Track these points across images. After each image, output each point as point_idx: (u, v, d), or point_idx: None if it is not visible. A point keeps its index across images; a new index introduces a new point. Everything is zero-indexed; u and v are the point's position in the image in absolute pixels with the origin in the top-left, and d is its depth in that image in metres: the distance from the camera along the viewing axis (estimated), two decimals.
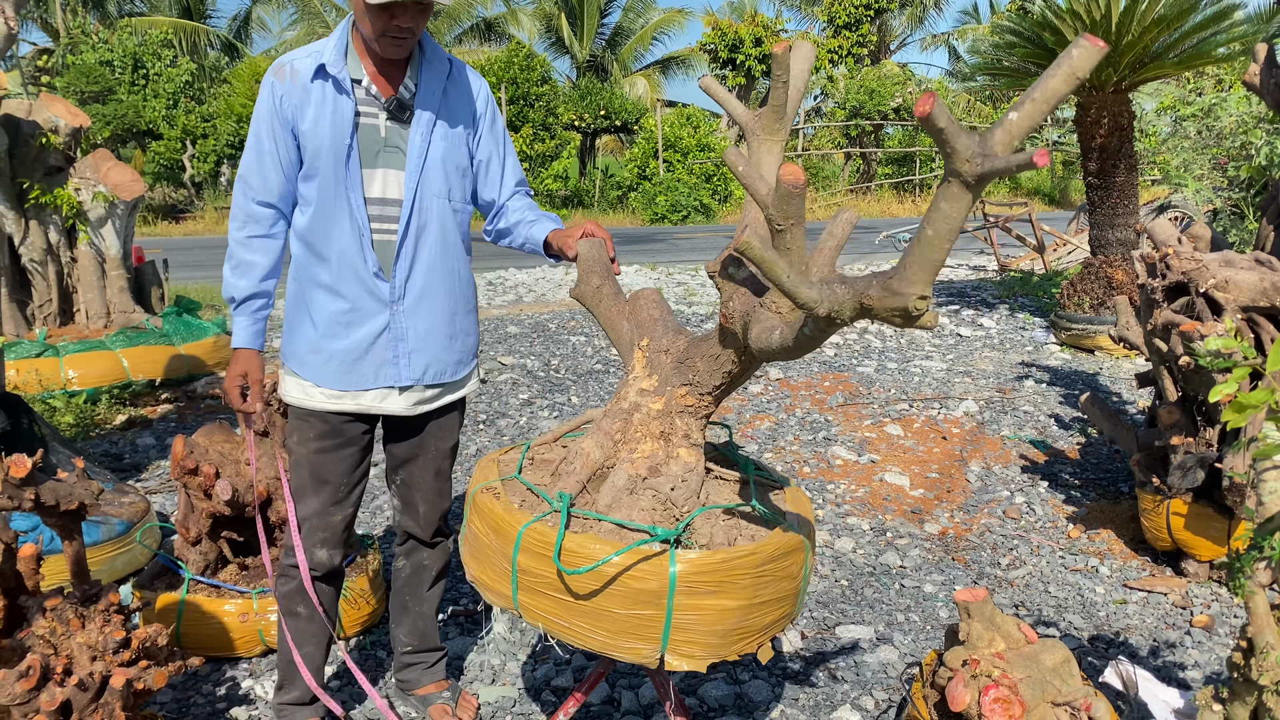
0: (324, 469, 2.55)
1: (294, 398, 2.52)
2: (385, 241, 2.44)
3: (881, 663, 3.11)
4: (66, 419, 5.53)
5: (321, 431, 2.53)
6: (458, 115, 2.49)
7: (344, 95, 2.37)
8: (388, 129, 2.41)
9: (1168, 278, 3.72)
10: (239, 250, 2.46)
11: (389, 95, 2.40)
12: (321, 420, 2.52)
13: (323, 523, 2.59)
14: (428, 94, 2.43)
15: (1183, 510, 3.62)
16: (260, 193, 2.43)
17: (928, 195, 23.84)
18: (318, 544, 2.60)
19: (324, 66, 2.36)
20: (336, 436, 2.54)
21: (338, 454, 2.55)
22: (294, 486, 2.59)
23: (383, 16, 2.24)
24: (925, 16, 35.13)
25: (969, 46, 29.56)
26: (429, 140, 2.43)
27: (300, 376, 2.50)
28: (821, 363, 7.13)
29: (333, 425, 2.53)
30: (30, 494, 2.42)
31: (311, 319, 2.47)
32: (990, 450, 5.16)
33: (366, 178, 2.40)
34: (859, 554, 3.95)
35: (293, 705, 2.68)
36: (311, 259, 2.44)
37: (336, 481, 2.58)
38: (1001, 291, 9.98)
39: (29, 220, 5.95)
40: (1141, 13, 7.02)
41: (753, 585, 1.87)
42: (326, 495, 2.57)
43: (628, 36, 34.24)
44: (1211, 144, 8.30)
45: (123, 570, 3.69)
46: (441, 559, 2.81)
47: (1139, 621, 3.38)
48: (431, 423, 2.63)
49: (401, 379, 2.50)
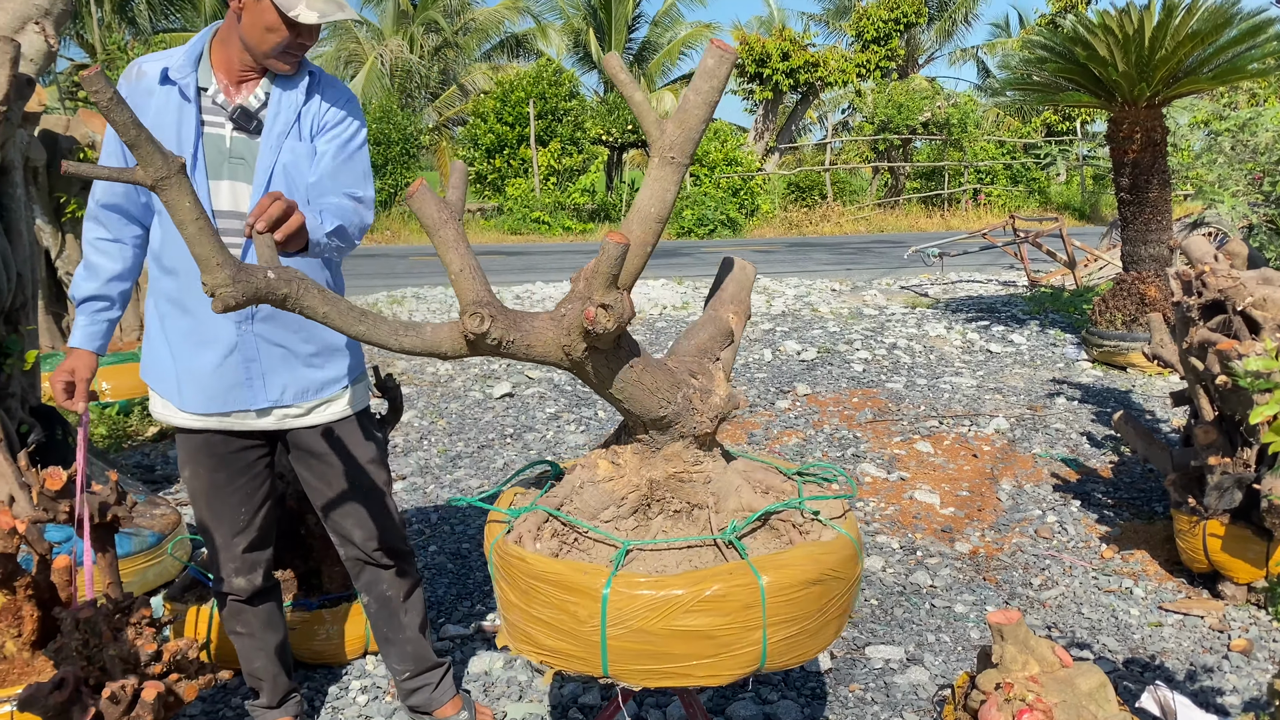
0: (215, 501, 2.51)
1: (160, 414, 2.48)
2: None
3: (912, 684, 3.07)
4: (99, 431, 5.60)
5: (210, 464, 2.47)
6: (312, 128, 2.38)
7: (187, 102, 2.28)
8: (234, 140, 2.32)
9: (1204, 295, 3.67)
10: (87, 250, 2.39)
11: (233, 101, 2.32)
12: (201, 447, 2.46)
13: (230, 554, 2.57)
14: (281, 105, 2.33)
15: (1220, 532, 3.57)
16: (104, 195, 2.34)
17: (956, 210, 23.72)
18: (232, 573, 2.60)
19: (166, 71, 2.26)
20: (223, 467, 2.48)
21: (229, 485, 2.50)
22: (196, 518, 2.59)
23: (289, 34, 2.22)
24: (954, 31, 35.05)
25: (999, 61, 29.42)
26: (278, 152, 2.33)
27: (159, 394, 2.46)
28: (850, 379, 7.10)
29: (217, 454, 2.47)
30: (65, 506, 2.44)
31: (165, 335, 2.40)
32: (1021, 468, 5.11)
33: (213, 189, 2.31)
34: (889, 573, 3.91)
35: (262, 709, 2.77)
36: (161, 273, 2.36)
37: (232, 514, 2.53)
38: (1032, 307, 9.90)
39: (66, 234, 6.04)
40: (1175, 28, 6.96)
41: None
42: (226, 527, 2.55)
43: (655, 51, 34.39)
44: (1247, 159, 8.21)
45: (154, 582, 3.72)
46: (406, 584, 2.71)
47: (1175, 645, 3.32)
48: (331, 439, 2.53)
49: (256, 402, 2.40)
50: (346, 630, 3.18)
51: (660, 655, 1.74)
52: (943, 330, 8.78)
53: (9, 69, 3.19)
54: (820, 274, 13.25)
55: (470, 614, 3.60)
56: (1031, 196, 24.32)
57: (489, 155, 22.59)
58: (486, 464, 5.35)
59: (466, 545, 4.24)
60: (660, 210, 1.77)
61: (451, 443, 5.76)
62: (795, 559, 1.82)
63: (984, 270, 13.39)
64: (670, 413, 1.83)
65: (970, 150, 24.27)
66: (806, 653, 1.86)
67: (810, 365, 7.56)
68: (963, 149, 24.13)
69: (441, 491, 4.90)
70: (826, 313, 9.94)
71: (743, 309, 2.00)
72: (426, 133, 25.83)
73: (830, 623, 1.89)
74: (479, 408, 6.52)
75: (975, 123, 24.29)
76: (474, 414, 6.37)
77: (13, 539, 2.41)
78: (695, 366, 1.94)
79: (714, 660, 1.76)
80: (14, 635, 2.49)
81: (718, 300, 2.11)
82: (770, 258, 15.88)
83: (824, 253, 16.45)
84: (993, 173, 24.75)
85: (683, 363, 1.95)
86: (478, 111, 23.32)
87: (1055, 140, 24.76)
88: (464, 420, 6.22)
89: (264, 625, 2.69)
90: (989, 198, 24.05)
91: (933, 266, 13.47)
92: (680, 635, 1.72)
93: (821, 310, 10.08)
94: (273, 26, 2.20)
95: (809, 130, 34.29)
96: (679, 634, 1.72)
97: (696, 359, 1.96)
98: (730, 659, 1.76)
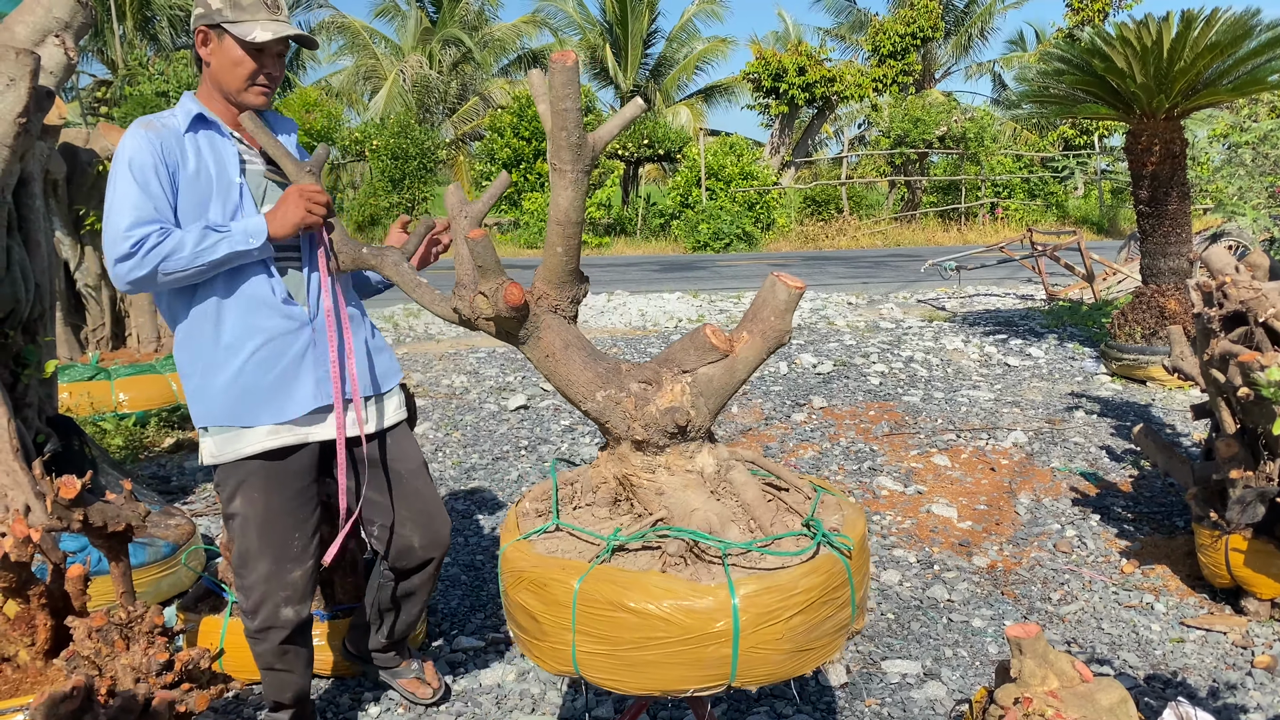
0: (274, 529, 2.51)
1: (228, 454, 2.47)
2: (292, 272, 2.51)
3: (929, 699, 3.04)
4: (116, 441, 5.62)
5: (264, 487, 2.49)
6: None
7: (226, 139, 2.46)
8: (266, 172, 2.52)
9: (1225, 307, 3.63)
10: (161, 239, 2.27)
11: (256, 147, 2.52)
12: (257, 473, 2.48)
13: (280, 582, 2.55)
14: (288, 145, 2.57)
15: (1242, 546, 3.51)
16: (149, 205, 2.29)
17: (973, 223, 23.64)
18: (281, 603, 2.56)
19: (202, 115, 2.43)
20: (278, 491, 2.50)
21: (284, 509, 2.51)
22: (238, 551, 2.55)
23: (251, 66, 2.40)
24: (971, 45, 35.00)
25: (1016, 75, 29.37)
26: None
27: (229, 426, 2.46)
28: (867, 392, 7.06)
29: (270, 475, 2.49)
30: (79, 515, 2.45)
31: (227, 367, 2.43)
32: (1040, 482, 5.06)
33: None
34: (905, 587, 3.88)
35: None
36: (214, 303, 2.41)
37: (286, 538, 2.53)
38: (1050, 321, 9.84)
39: (84, 246, 6.08)
40: (1194, 39, 6.92)
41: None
42: (280, 555, 2.53)
43: (671, 66, 34.50)
44: (1268, 171, 8.14)
45: (168, 592, 3.72)
46: (433, 580, 2.83)
47: (1197, 661, 3.27)
48: (385, 445, 2.66)
49: (330, 396, 2.52)
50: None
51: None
52: (960, 344, 8.73)
53: (29, 81, 3.21)
54: (836, 287, 13.21)
55: (484, 626, 3.58)
56: (1049, 210, 24.22)
57: (506, 169, 22.68)
58: (501, 476, 5.33)
59: (480, 557, 4.22)
60: (557, 214, 1.90)
61: (466, 455, 5.75)
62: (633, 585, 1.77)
63: (1001, 284, 13.32)
64: (593, 409, 1.93)
65: (987, 164, 24.21)
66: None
67: (826, 378, 7.53)
68: (979, 163, 24.07)
69: (456, 504, 4.89)
70: (843, 326, 9.90)
71: (762, 328, 1.97)
72: (443, 147, 25.95)
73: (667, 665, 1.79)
74: (494, 420, 6.52)
75: (992, 136, 24.23)
76: (489, 426, 6.37)
77: (27, 548, 2.41)
78: (649, 374, 1.93)
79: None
80: (28, 644, 2.49)
81: (744, 318, 2.10)
82: (787, 271, 15.82)
83: (840, 266, 16.42)
84: (1010, 186, 24.66)
85: (638, 368, 1.96)
86: (495, 126, 23.45)
87: (1073, 154, 24.67)
88: (479, 432, 6.22)
89: (306, 661, 2.68)
90: (1006, 211, 23.96)
91: (950, 280, 13.42)
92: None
93: (838, 323, 10.04)
94: (238, 59, 2.39)
95: (825, 145, 34.29)
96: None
97: (654, 366, 1.96)
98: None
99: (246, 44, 2.38)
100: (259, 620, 2.57)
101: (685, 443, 1.94)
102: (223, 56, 2.40)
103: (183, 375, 2.51)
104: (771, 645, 1.76)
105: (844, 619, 1.90)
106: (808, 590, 1.79)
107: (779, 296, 1.92)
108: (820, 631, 1.84)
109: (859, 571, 1.93)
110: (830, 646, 1.88)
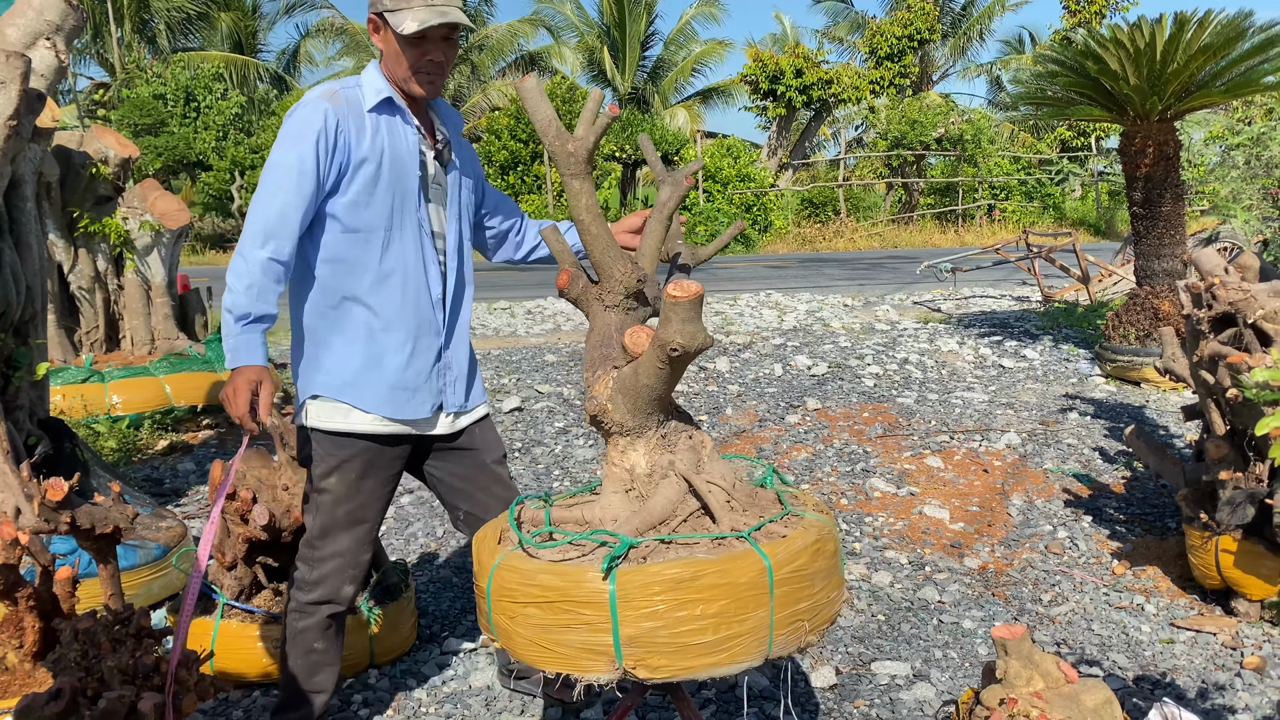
0: (362, 508, 2.57)
1: (335, 424, 2.50)
2: (442, 273, 2.58)
3: (918, 700, 3.04)
4: (109, 444, 5.62)
5: (361, 469, 2.54)
6: (469, 162, 2.68)
7: (410, 127, 2.48)
8: (435, 167, 2.56)
9: (1214, 308, 3.64)
10: (256, 271, 2.34)
11: (431, 139, 2.55)
12: (362, 454, 2.52)
13: (352, 560, 2.59)
14: (454, 143, 2.62)
15: (1232, 547, 3.52)
16: (295, 208, 2.37)
17: (970, 225, 23.67)
18: (347, 581, 2.61)
19: (390, 100, 2.45)
20: (371, 475, 2.55)
21: (372, 494, 2.57)
22: (320, 523, 2.57)
23: (415, 52, 2.37)
24: (968, 47, 35.05)
25: (1011, 76, 29.42)
26: (459, 184, 2.62)
27: (343, 402, 2.49)
28: (861, 394, 7.07)
29: (372, 459, 2.54)
30: (66, 517, 2.45)
31: (364, 346, 2.49)
32: (1033, 483, 5.06)
33: (429, 210, 2.55)
34: (896, 588, 3.88)
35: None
36: (366, 286, 2.47)
37: (373, 521, 2.61)
38: (1045, 323, 9.85)
39: (78, 248, 6.08)
40: (1187, 41, 6.94)
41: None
42: (361, 534, 2.59)
43: (669, 69, 34.51)
44: (1261, 173, 8.16)
45: (159, 595, 3.72)
46: None
47: (1187, 662, 3.28)
48: (474, 437, 2.72)
49: (450, 405, 2.62)
50: (350, 644, 3.17)
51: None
52: (955, 345, 8.74)
53: (19, 84, 3.22)
54: (833, 289, 13.22)
55: (474, 628, 3.58)
56: (1046, 212, 24.25)
57: (503, 172, 22.69)
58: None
59: (472, 560, 4.22)
60: (577, 212, 2.01)
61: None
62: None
63: (997, 286, 13.33)
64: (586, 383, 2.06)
65: (984, 166, 24.23)
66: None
67: (821, 380, 7.53)
68: (977, 165, 24.09)
69: None
70: (838, 328, 9.91)
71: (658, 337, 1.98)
72: None
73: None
74: None
75: (990, 138, 24.26)
76: None
77: (15, 550, 2.41)
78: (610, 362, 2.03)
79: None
80: (15, 647, 2.49)
81: None
82: (783, 273, 15.88)
83: (837, 268, 16.43)
84: (1007, 188, 24.69)
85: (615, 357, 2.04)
86: (492, 128, 23.45)
87: (1070, 155, 24.70)
88: None
89: (338, 654, 2.72)
90: (1004, 213, 23.99)
91: (945, 282, 13.43)
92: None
93: (833, 325, 10.05)
94: (398, 50, 2.39)
95: (823, 146, 34.32)
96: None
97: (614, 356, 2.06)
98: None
99: (398, 35, 2.36)
100: (320, 592, 2.58)
101: (619, 437, 1.95)
102: (387, 46, 2.41)
103: (307, 332, 2.52)
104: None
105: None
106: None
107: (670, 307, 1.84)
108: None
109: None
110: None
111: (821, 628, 1.90)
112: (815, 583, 1.87)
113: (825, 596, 1.90)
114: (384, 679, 3.21)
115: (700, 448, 1.99)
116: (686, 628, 1.74)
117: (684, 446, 1.97)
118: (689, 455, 1.96)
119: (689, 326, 1.72)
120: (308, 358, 2.53)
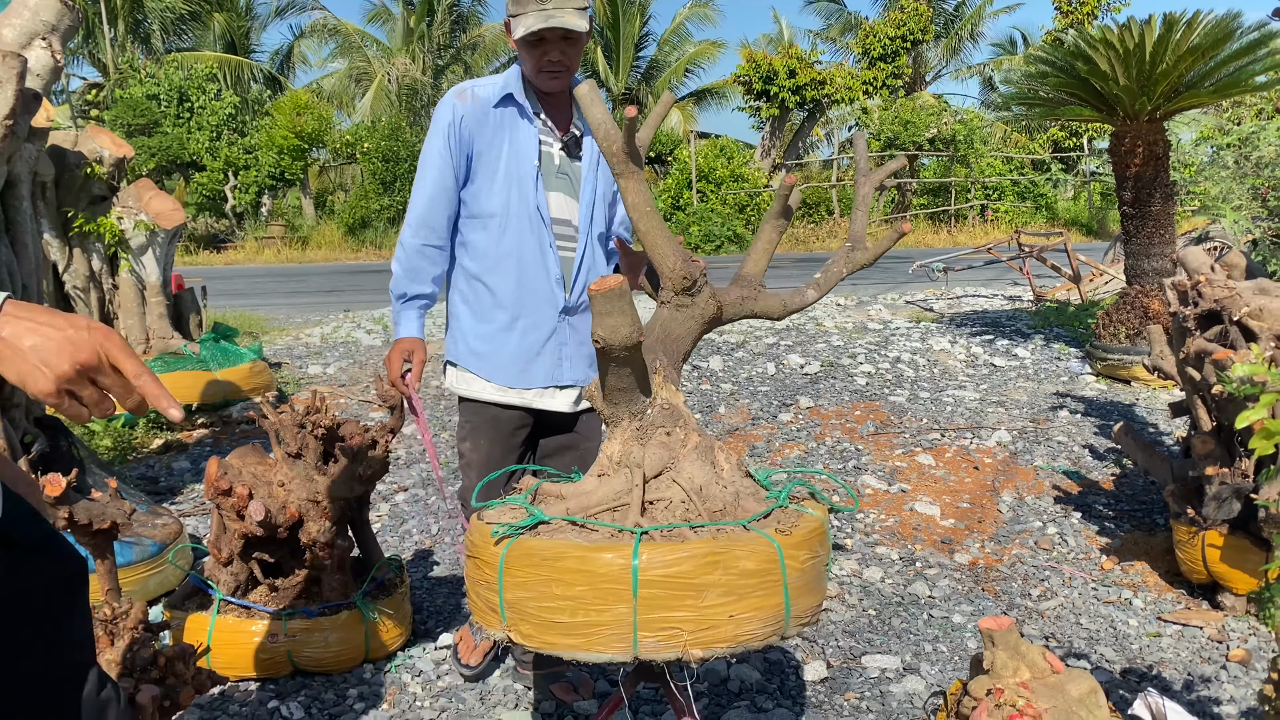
0: (489, 474, 2.76)
1: (462, 390, 2.85)
2: (565, 257, 2.78)
3: (908, 693, 3.08)
4: (105, 443, 5.64)
5: (490, 436, 2.83)
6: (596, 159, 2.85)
7: (527, 121, 2.71)
8: (560, 158, 2.77)
9: (1200, 306, 3.68)
10: (413, 255, 2.75)
11: (562, 132, 2.77)
12: (488, 422, 2.82)
13: None
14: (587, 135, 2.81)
15: (1218, 542, 3.56)
16: (441, 203, 2.71)
17: (963, 226, 23.74)
18: None
19: (511, 95, 2.69)
20: (499, 444, 2.83)
21: (501, 462, 2.83)
22: (465, 485, 2.91)
23: (535, 52, 2.59)
24: (961, 48, 35.14)
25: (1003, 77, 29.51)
26: (595, 175, 2.82)
27: (469, 371, 2.83)
28: (853, 392, 7.11)
29: (495, 426, 2.83)
30: (64, 513, 2.47)
31: (490, 323, 2.78)
32: (1023, 480, 5.11)
33: (549, 197, 2.75)
34: (887, 584, 3.92)
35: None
36: (486, 266, 2.75)
37: (498, 485, 2.78)
38: (1036, 321, 9.90)
39: (73, 248, 6.09)
40: (1176, 41, 6.98)
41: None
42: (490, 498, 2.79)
43: (663, 69, 34.55)
44: (1250, 173, 8.21)
45: (155, 591, 3.74)
46: None
47: (1173, 655, 3.32)
48: (582, 421, 2.93)
49: (564, 379, 2.83)
50: (346, 639, 3.20)
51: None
52: (947, 344, 8.79)
53: (15, 84, 3.24)
54: None
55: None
56: (1039, 212, 24.33)
57: None
58: None
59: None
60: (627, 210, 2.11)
61: (454, 455, 5.77)
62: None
63: (989, 285, 13.39)
64: None
65: (977, 167, 24.31)
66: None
67: (814, 379, 7.57)
68: (969, 165, 24.17)
69: (443, 503, 4.92)
70: (831, 327, 9.95)
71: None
72: None
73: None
74: None
75: (982, 139, 24.34)
76: None
77: None
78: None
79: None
80: None
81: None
82: (776, 273, 15.91)
83: None
84: (1000, 189, 24.77)
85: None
86: None
87: (1062, 156, 24.79)
88: None
89: None
90: (996, 214, 24.07)
91: (938, 281, 13.48)
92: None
93: (826, 324, 10.10)
94: (522, 50, 2.62)
95: (816, 147, 34.40)
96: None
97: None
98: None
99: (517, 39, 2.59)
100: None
101: (609, 424, 2.05)
102: (518, 46, 2.62)
103: (450, 304, 2.89)
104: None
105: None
106: None
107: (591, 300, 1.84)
108: None
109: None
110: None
111: (719, 645, 1.76)
112: (707, 596, 1.75)
113: (724, 615, 1.76)
114: (379, 674, 3.24)
115: (680, 445, 1.99)
116: (548, 604, 1.79)
117: (657, 441, 1.97)
118: (659, 451, 1.96)
119: (609, 320, 1.76)
120: (450, 328, 2.89)
